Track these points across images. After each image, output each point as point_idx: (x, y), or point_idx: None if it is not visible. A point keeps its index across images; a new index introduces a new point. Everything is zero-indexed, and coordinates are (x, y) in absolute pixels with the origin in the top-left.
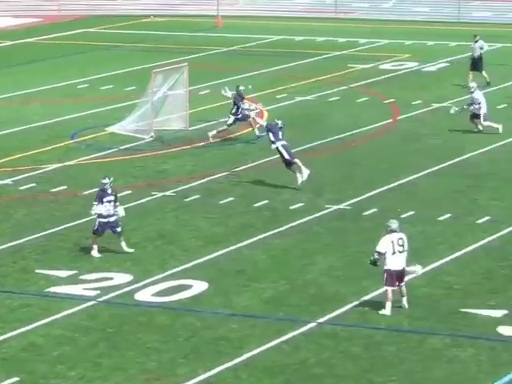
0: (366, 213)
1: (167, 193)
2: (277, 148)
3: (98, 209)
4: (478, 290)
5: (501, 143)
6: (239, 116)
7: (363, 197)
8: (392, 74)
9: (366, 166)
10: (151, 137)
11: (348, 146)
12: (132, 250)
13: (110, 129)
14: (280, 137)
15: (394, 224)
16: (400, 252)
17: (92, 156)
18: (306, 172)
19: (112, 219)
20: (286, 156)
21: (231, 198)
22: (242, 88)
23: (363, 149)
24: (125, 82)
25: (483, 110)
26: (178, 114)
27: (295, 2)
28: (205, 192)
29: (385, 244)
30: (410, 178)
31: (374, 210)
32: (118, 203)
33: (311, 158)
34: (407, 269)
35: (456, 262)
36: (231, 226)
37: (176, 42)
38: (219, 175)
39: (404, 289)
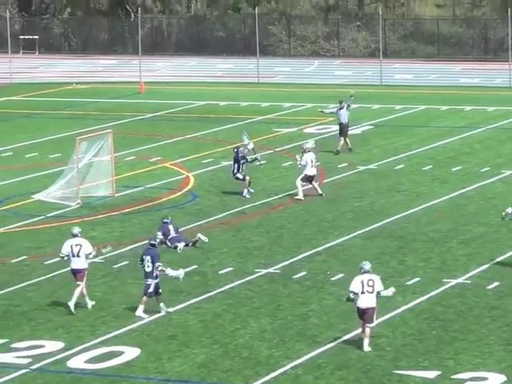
0: (295, 276)
1: (96, 259)
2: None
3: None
4: (410, 351)
5: (424, 205)
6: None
7: (292, 260)
8: (317, 138)
9: (293, 229)
10: (77, 204)
11: (275, 209)
12: (171, 310)
13: (36, 196)
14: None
15: (366, 265)
16: (369, 292)
17: (19, 224)
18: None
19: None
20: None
21: (160, 264)
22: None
23: (290, 212)
24: (49, 150)
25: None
26: (104, 180)
27: (217, 67)
28: (134, 258)
29: (356, 284)
30: (339, 240)
31: (304, 273)
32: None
33: (239, 222)
34: (383, 293)
35: (387, 324)
36: (161, 291)
37: (99, 109)
38: (147, 241)
39: (368, 331)
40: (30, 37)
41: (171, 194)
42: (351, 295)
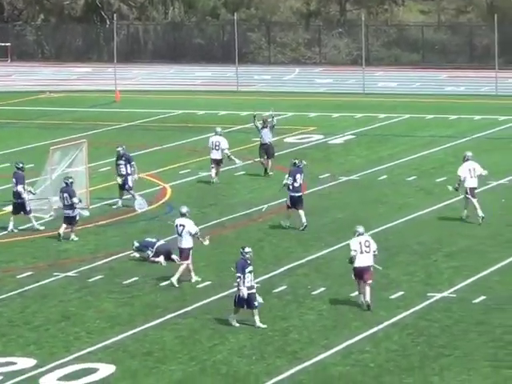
0: (275, 290)
1: (70, 273)
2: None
3: (242, 284)
4: (394, 367)
5: (408, 217)
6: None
7: (272, 274)
8: (297, 148)
9: (273, 241)
10: (51, 216)
11: (255, 221)
12: (265, 326)
13: (8, 209)
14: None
15: (360, 228)
16: (367, 252)
17: None
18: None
19: (254, 291)
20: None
21: (136, 278)
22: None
23: (271, 224)
24: (22, 160)
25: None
26: (78, 191)
27: (195, 75)
28: (108, 272)
29: (355, 244)
30: (320, 253)
31: (284, 287)
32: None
33: (218, 234)
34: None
35: (370, 339)
36: (137, 306)
37: (74, 118)
38: (122, 254)
39: (368, 288)
40: (2, 44)
41: (147, 206)
42: (353, 253)
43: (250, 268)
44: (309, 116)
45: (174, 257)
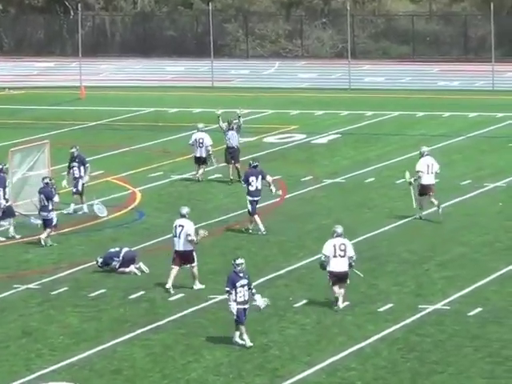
0: (254, 302)
1: (31, 285)
2: None
3: (232, 299)
4: None
5: (397, 223)
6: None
7: None
8: (278, 148)
9: (252, 250)
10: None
11: (232, 228)
12: (243, 342)
13: None
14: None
15: (339, 229)
16: (341, 256)
17: None
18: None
19: (247, 306)
20: None
21: (103, 290)
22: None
23: (249, 231)
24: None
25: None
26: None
27: (166, 70)
28: (73, 284)
29: (328, 248)
30: (303, 262)
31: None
32: (254, 290)
33: None
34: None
35: (357, 355)
36: (104, 320)
37: (35, 117)
38: (88, 264)
39: (343, 291)
40: None
41: (115, 212)
42: (323, 258)
43: (243, 282)
44: (290, 114)
45: (140, 266)
